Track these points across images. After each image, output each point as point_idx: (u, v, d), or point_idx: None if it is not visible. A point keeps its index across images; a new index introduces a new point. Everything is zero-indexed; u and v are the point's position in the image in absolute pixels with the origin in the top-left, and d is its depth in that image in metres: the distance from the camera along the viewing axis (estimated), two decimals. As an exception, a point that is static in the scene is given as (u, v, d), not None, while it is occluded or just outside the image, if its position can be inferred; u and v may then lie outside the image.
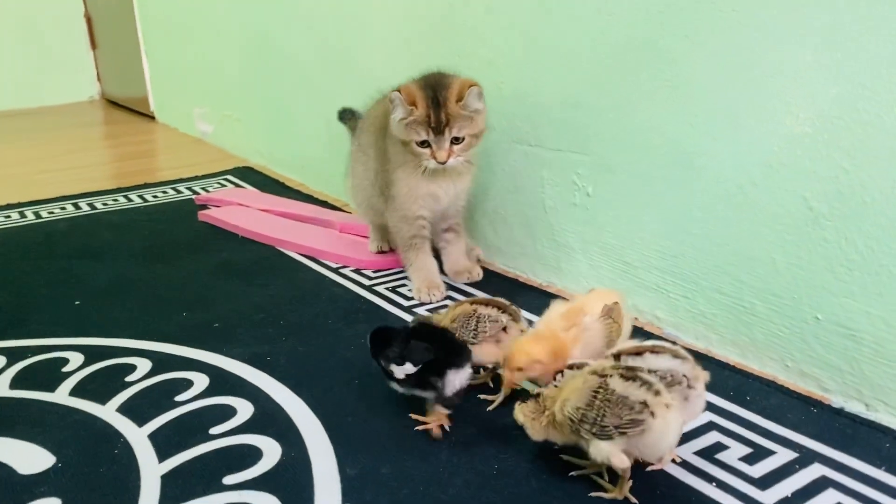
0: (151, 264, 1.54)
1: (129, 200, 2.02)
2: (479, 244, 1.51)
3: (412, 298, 1.33)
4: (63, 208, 1.96)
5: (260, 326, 1.23)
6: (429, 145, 1.21)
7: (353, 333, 1.19)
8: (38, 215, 1.91)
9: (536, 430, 0.84)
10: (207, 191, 2.09)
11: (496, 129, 1.40)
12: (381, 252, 1.52)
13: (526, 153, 1.35)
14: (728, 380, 1.02)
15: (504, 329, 0.99)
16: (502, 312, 1.00)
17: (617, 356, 0.85)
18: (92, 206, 1.97)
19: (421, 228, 1.33)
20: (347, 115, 1.69)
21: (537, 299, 1.31)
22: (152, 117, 3.20)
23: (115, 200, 2.02)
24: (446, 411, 0.91)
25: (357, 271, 1.48)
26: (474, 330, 0.98)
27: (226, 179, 2.20)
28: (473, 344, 0.97)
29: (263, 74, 2.24)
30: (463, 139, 1.21)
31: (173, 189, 2.12)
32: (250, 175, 2.25)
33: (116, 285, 1.43)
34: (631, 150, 1.16)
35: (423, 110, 1.19)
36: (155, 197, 2.04)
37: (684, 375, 0.82)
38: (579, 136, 1.24)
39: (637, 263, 1.19)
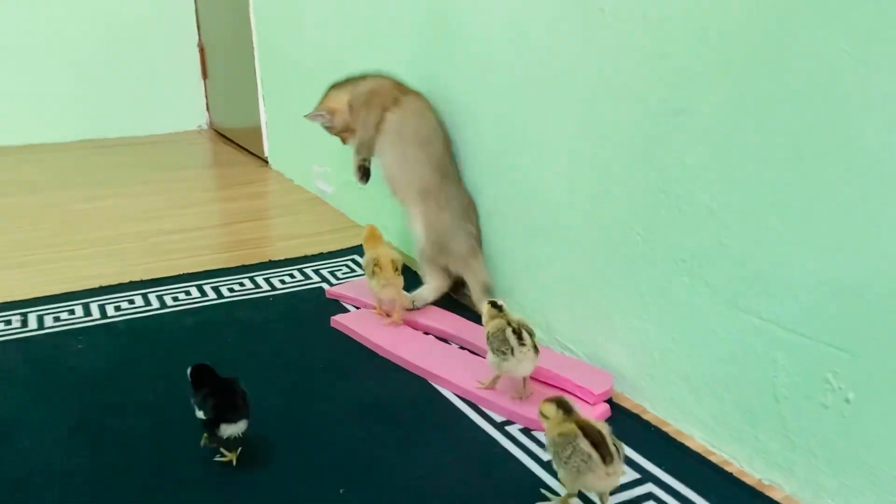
0: (289, 395, 1.38)
1: (256, 286, 1.87)
2: (668, 405, 1.28)
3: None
4: (188, 293, 1.83)
5: (434, 528, 1.04)
6: None
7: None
8: (162, 302, 1.78)
9: None
10: (336, 276, 1.93)
11: (711, 286, 1.16)
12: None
13: (754, 326, 1.11)
14: None
15: None
16: None
17: None
18: (218, 293, 1.82)
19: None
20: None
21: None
22: (265, 160, 3.08)
23: (242, 285, 1.87)
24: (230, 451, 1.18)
25: (528, 432, 1.26)
26: None
27: (353, 261, 2.03)
28: None
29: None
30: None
31: (300, 272, 1.96)
32: (379, 257, 2.07)
33: (255, 431, 1.21)
34: (929, 370, 0.90)
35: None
36: (283, 282, 1.89)
37: None
38: (841, 327, 0.99)
39: (922, 508, 0.93)
